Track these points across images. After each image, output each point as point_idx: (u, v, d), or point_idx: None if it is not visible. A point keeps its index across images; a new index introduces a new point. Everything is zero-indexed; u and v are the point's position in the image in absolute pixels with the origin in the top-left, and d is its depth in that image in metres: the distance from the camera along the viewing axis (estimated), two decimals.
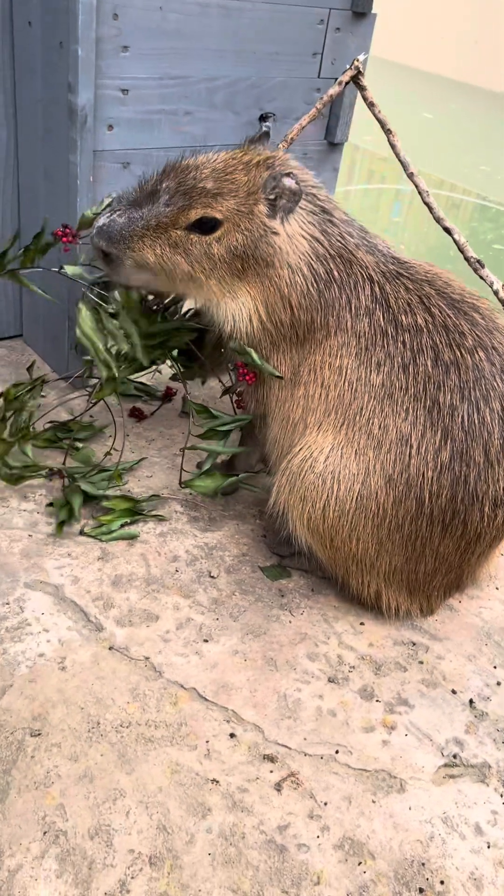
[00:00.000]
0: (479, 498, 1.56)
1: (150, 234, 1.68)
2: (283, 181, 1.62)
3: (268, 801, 1.40)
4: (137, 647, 1.64)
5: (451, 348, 1.58)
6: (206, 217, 1.66)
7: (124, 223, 1.68)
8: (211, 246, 1.68)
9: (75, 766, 1.40)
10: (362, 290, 1.66)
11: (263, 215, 1.66)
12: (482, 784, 1.48)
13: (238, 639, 1.69)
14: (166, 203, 1.67)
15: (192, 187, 1.65)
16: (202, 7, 2.08)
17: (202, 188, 1.65)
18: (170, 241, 1.68)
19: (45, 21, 1.96)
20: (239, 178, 1.66)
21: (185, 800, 1.38)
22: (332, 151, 2.61)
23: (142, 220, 1.68)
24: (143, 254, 1.70)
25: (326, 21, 2.34)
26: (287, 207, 1.65)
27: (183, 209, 1.66)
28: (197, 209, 1.65)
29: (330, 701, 1.59)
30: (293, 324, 1.70)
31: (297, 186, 1.63)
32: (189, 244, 1.68)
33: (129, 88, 2.06)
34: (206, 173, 1.66)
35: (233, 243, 1.67)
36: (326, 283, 1.67)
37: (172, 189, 1.67)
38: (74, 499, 1.91)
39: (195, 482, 1.94)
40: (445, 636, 1.79)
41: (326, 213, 1.72)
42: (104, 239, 1.70)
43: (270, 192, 1.64)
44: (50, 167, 2.14)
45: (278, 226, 1.67)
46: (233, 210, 1.65)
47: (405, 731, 1.56)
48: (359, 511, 1.62)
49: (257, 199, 1.66)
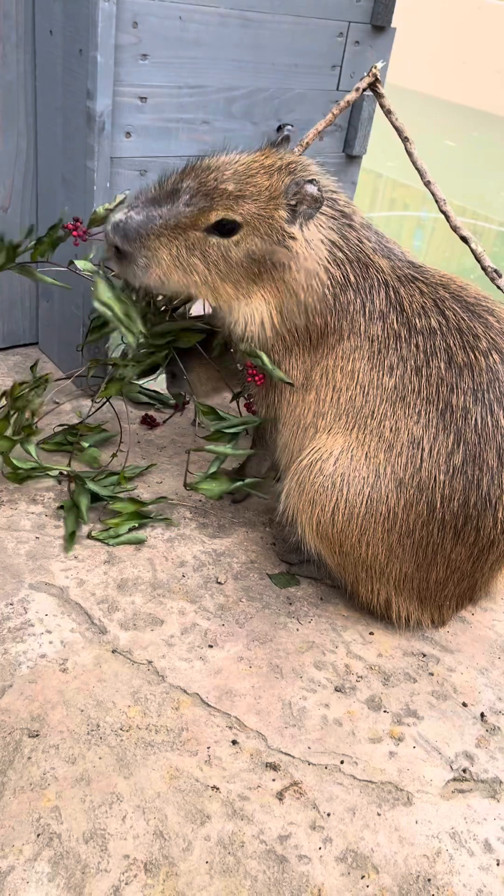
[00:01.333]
0: (493, 503, 1.52)
1: (168, 234, 1.65)
2: (305, 187, 1.61)
3: (269, 810, 1.36)
4: (141, 651, 1.61)
5: (464, 351, 1.56)
6: (227, 220, 1.63)
7: (142, 220, 1.65)
8: (229, 249, 1.66)
9: (73, 769, 1.37)
10: (377, 294, 1.64)
11: (283, 220, 1.64)
12: (492, 800, 1.43)
13: (243, 645, 1.66)
14: (186, 203, 1.64)
15: (213, 188, 1.63)
16: (222, 17, 2.10)
17: (224, 189, 1.63)
18: (187, 242, 1.65)
19: (65, 29, 1.99)
20: (261, 182, 1.64)
21: (184, 806, 1.34)
22: (351, 164, 2.61)
23: (160, 218, 1.64)
24: (159, 254, 1.67)
25: (346, 34, 2.35)
26: (307, 213, 1.64)
27: (203, 210, 1.63)
28: (218, 211, 1.63)
29: (336, 710, 1.55)
30: (308, 328, 1.68)
31: (319, 193, 1.61)
32: (207, 246, 1.66)
33: (148, 96, 2.08)
34: (228, 175, 1.64)
35: (251, 247, 1.65)
36: (342, 287, 1.66)
37: (193, 189, 1.64)
38: (81, 500, 1.89)
39: (200, 484, 1.92)
40: (457, 648, 1.74)
41: (346, 217, 1.71)
42: (119, 235, 1.66)
43: (292, 197, 1.63)
44: (68, 173, 2.16)
45: (297, 231, 1.65)
46: (253, 214, 1.64)
47: (413, 743, 1.51)
48: (368, 515, 1.59)
49: (278, 205, 1.64)
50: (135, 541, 1.88)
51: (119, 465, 2.08)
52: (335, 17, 2.30)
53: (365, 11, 2.34)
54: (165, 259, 1.68)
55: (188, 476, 2.05)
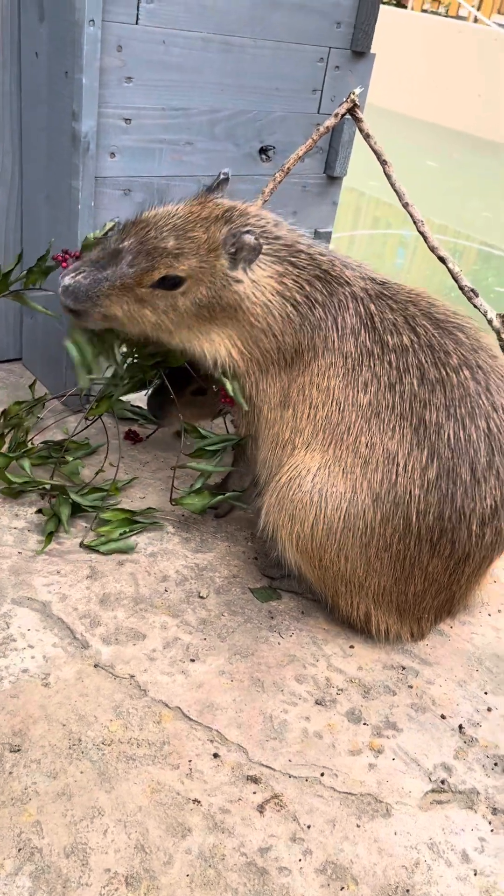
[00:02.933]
0: (467, 516, 1.55)
1: (116, 293, 1.71)
2: (242, 238, 1.66)
3: (250, 822, 1.37)
4: (123, 665, 1.61)
5: (436, 367, 1.60)
6: (169, 276, 1.70)
7: (89, 284, 1.71)
8: (176, 299, 1.72)
9: (54, 783, 1.37)
10: (346, 309, 1.68)
11: (225, 268, 1.70)
12: (470, 810, 1.45)
13: (225, 659, 1.67)
14: (129, 264, 1.70)
15: (153, 247, 1.69)
16: (204, 42, 2.15)
17: (163, 248, 1.68)
18: (136, 298, 1.72)
19: (51, 52, 2.02)
20: (199, 236, 1.70)
21: (165, 819, 1.35)
22: (332, 185, 2.66)
23: (106, 280, 1.71)
24: (111, 309, 1.74)
25: (326, 59, 2.41)
26: (248, 259, 1.69)
27: (146, 270, 1.69)
28: (160, 269, 1.69)
29: (317, 723, 1.56)
30: (280, 349, 1.72)
31: (256, 242, 1.66)
32: (155, 299, 1.72)
33: (132, 118, 2.12)
34: (166, 232, 1.70)
35: (197, 296, 1.71)
36: (310, 307, 1.70)
37: (134, 249, 1.70)
38: (63, 510, 1.91)
39: (184, 499, 1.96)
40: (436, 661, 1.76)
41: (290, 246, 1.75)
42: (70, 299, 1.73)
43: (231, 247, 1.68)
44: (53, 192, 2.19)
45: (241, 275, 1.70)
46: (195, 267, 1.69)
47: (392, 755, 1.53)
48: (346, 529, 1.61)
49: (218, 255, 1.69)
50: (126, 548, 1.91)
51: (102, 480, 2.09)
52: (316, 43, 2.35)
53: (345, 37, 2.40)
54: (118, 313, 1.75)
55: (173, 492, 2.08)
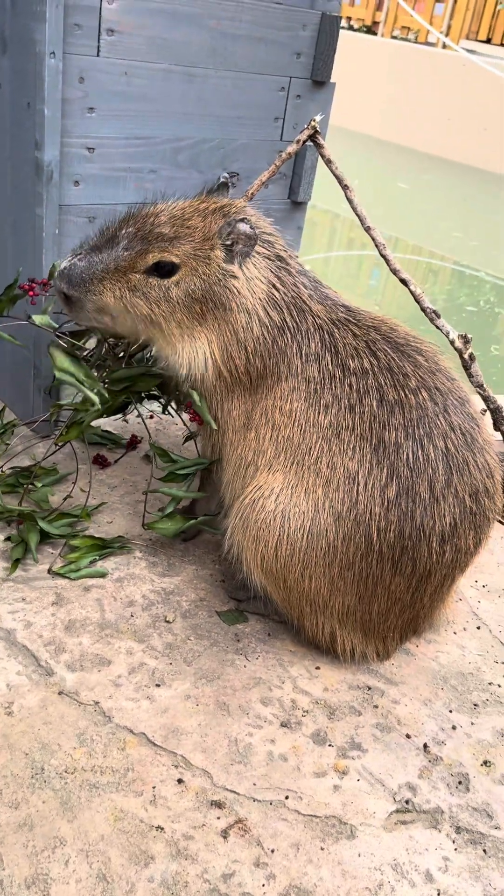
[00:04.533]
0: (427, 534, 1.57)
1: (110, 277, 1.72)
2: (237, 226, 1.68)
3: (213, 848, 1.36)
4: (88, 692, 1.61)
5: (395, 389, 1.62)
6: (164, 261, 1.70)
7: (84, 266, 1.73)
8: (169, 289, 1.72)
9: (15, 814, 1.36)
10: (312, 337, 1.71)
11: (220, 260, 1.71)
12: (434, 830, 1.45)
13: (191, 683, 1.67)
14: (125, 247, 1.72)
15: (149, 232, 1.71)
16: (166, 73, 2.19)
17: (159, 233, 1.70)
18: (129, 284, 1.72)
19: (13, 83, 2.05)
20: (195, 224, 1.71)
21: (128, 848, 1.34)
22: (296, 210, 2.70)
23: (101, 263, 1.72)
24: (104, 296, 1.74)
25: (287, 88, 2.45)
26: (243, 252, 1.70)
27: (140, 253, 1.71)
28: (154, 253, 1.70)
29: (282, 745, 1.56)
30: (247, 370, 1.73)
31: (252, 231, 1.68)
32: (148, 287, 1.72)
33: (95, 147, 2.15)
34: (163, 219, 1.72)
35: (191, 287, 1.71)
36: (280, 331, 1.72)
37: (131, 234, 1.72)
38: (31, 537, 1.91)
39: (157, 524, 1.96)
40: (401, 680, 1.77)
41: (282, 260, 1.78)
42: (65, 282, 1.74)
43: (226, 237, 1.70)
44: (17, 220, 2.20)
45: (236, 270, 1.72)
46: (189, 254, 1.70)
47: (357, 776, 1.53)
48: (310, 549, 1.62)
49: (214, 245, 1.71)
50: (96, 574, 1.90)
51: (70, 506, 2.09)
52: (276, 73, 2.40)
53: (305, 67, 2.45)
54: (110, 301, 1.75)
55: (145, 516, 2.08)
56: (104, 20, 2.02)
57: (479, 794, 1.54)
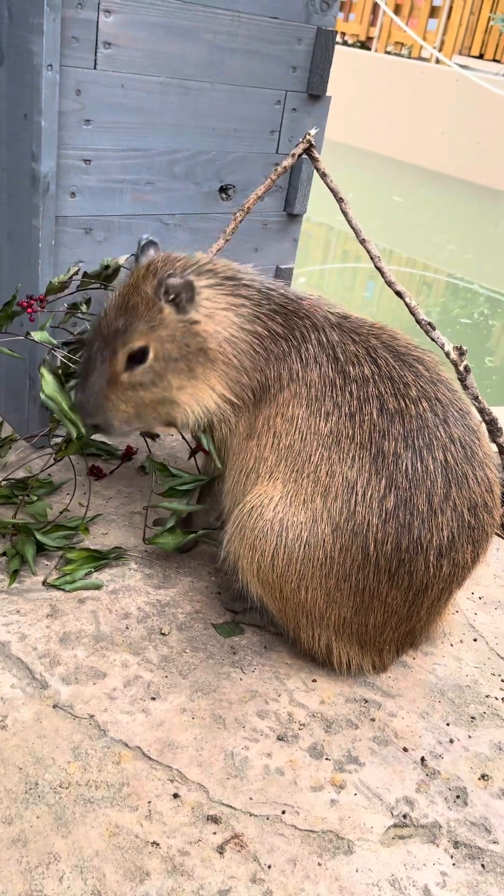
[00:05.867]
0: (424, 547, 1.57)
1: (109, 391, 1.78)
2: (168, 282, 1.69)
3: (209, 864, 1.34)
4: (82, 705, 1.59)
5: (395, 398, 1.62)
6: (132, 351, 1.74)
7: (86, 396, 1.80)
8: (153, 367, 1.75)
9: (9, 829, 1.35)
10: (308, 341, 1.71)
11: (174, 315, 1.73)
12: (432, 845, 1.44)
13: (187, 696, 1.65)
14: (101, 361, 1.77)
15: (108, 336, 1.76)
16: (162, 86, 2.20)
17: (115, 330, 1.75)
18: (124, 386, 1.77)
19: (10, 95, 2.06)
20: (135, 301, 1.74)
21: (123, 864, 1.32)
22: (292, 223, 2.71)
23: (95, 386, 1.78)
24: (117, 410, 1.80)
25: (283, 102, 2.47)
26: (188, 298, 1.72)
27: (112, 357, 1.75)
28: (121, 350, 1.75)
29: (278, 759, 1.55)
30: (251, 386, 1.74)
31: (182, 279, 1.69)
32: (137, 378, 1.76)
33: (92, 159, 2.15)
34: (112, 315, 1.77)
35: (166, 354, 1.74)
36: (271, 339, 1.72)
37: (100, 347, 1.77)
38: (27, 549, 1.90)
39: (158, 539, 1.96)
40: (398, 693, 1.76)
41: (234, 279, 1.79)
42: (87, 416, 1.84)
43: (165, 297, 1.72)
44: (13, 231, 2.20)
45: (194, 315, 1.73)
46: (146, 330, 1.73)
47: (355, 790, 1.51)
48: (306, 559, 1.62)
49: (160, 308, 1.73)
50: (92, 586, 1.90)
51: (66, 518, 2.08)
52: (272, 87, 2.41)
53: (301, 81, 2.47)
54: (123, 409, 1.80)
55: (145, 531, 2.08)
56: (101, 33, 2.03)
57: (477, 809, 1.53)
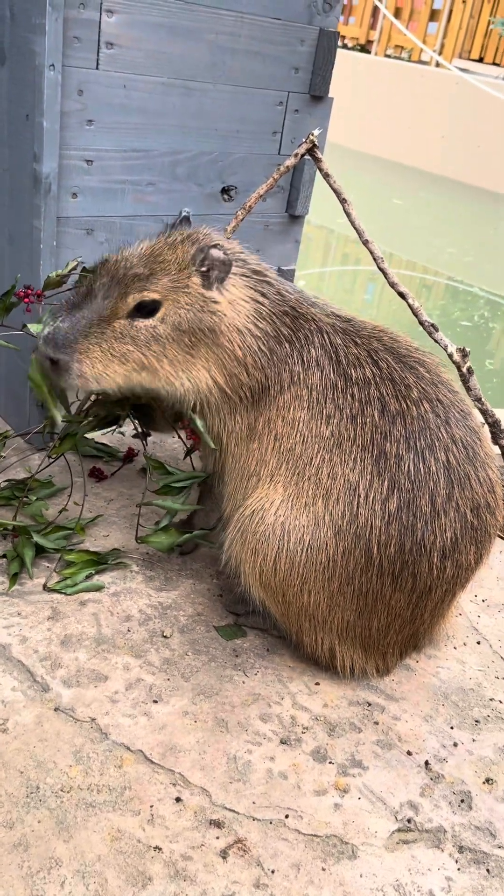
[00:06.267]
0: (427, 549, 1.56)
1: (95, 331, 1.68)
2: (210, 252, 1.67)
3: (212, 869, 1.33)
4: (84, 709, 1.58)
5: (397, 400, 1.61)
6: (145, 300, 1.68)
7: (68, 326, 1.69)
8: (156, 328, 1.69)
9: (10, 834, 1.33)
10: (312, 343, 1.70)
11: (199, 287, 1.70)
12: (437, 849, 1.42)
13: (189, 699, 1.64)
14: (104, 296, 1.69)
15: (124, 276, 1.69)
16: (165, 87, 2.19)
17: (134, 274, 1.68)
18: (115, 332, 1.69)
19: (12, 95, 2.05)
20: (167, 257, 1.70)
21: (125, 869, 1.31)
22: (294, 224, 2.70)
23: (84, 318, 1.68)
24: (91, 352, 1.68)
25: (286, 103, 2.46)
26: (220, 277, 1.69)
27: (120, 297, 1.68)
28: (134, 294, 1.68)
29: (281, 763, 1.54)
30: (249, 384, 1.72)
31: (226, 256, 1.67)
32: (134, 331, 1.69)
33: (94, 159, 2.14)
34: (135, 261, 1.71)
35: (177, 320, 1.69)
36: (276, 340, 1.71)
37: (107, 283, 1.70)
38: (26, 552, 1.88)
39: (151, 538, 1.93)
40: (402, 696, 1.75)
41: (260, 274, 1.78)
42: (51, 347, 1.69)
43: (201, 264, 1.69)
44: (15, 231, 2.20)
45: (217, 295, 1.70)
46: (168, 287, 1.69)
47: (358, 794, 1.50)
48: (309, 563, 1.61)
49: (190, 273, 1.69)
50: (93, 588, 1.88)
51: (65, 519, 2.07)
52: (275, 88, 2.41)
53: (303, 83, 2.46)
54: (98, 354, 1.69)
55: (139, 530, 2.06)
56: (104, 33, 2.02)
57: (482, 813, 1.51)
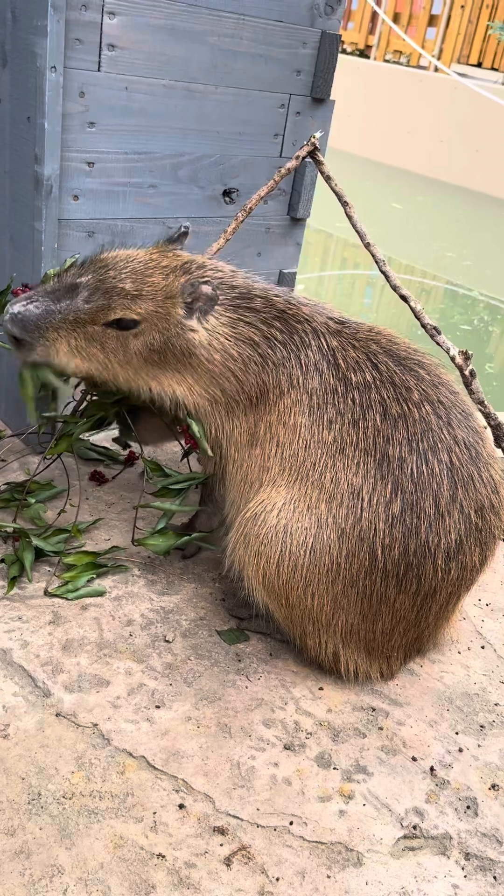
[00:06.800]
0: (432, 550, 1.55)
1: (67, 328, 1.71)
2: (200, 288, 1.68)
3: (216, 876, 1.32)
4: (86, 714, 1.57)
5: (398, 403, 1.61)
6: (125, 318, 1.70)
7: (40, 314, 1.70)
8: (128, 340, 1.72)
9: (12, 841, 1.32)
10: (308, 346, 1.69)
11: (180, 316, 1.71)
12: (443, 856, 1.41)
13: (191, 705, 1.63)
14: (85, 300, 1.70)
15: (111, 287, 1.70)
16: (167, 89, 2.18)
17: (121, 288, 1.69)
18: (86, 334, 1.72)
19: (14, 97, 2.04)
20: (157, 282, 1.71)
21: (128, 876, 1.29)
22: (295, 227, 2.69)
23: (59, 313, 1.70)
24: (57, 344, 1.72)
25: (287, 105, 2.46)
26: (203, 310, 1.71)
27: (102, 308, 1.70)
28: (116, 310, 1.70)
29: (285, 769, 1.52)
30: (244, 390, 1.71)
31: (214, 293, 1.68)
32: (105, 338, 1.72)
33: (95, 161, 2.14)
34: (125, 274, 1.71)
35: (150, 340, 1.72)
36: (270, 346, 1.70)
37: (92, 286, 1.70)
38: (26, 556, 1.87)
39: (148, 540, 1.92)
40: (406, 701, 1.73)
41: (245, 292, 1.76)
42: (18, 327, 1.70)
43: (188, 296, 1.70)
44: (16, 234, 2.19)
45: (196, 324, 1.72)
46: (151, 311, 1.70)
47: (363, 800, 1.49)
48: (312, 566, 1.59)
49: (175, 303, 1.71)
50: (94, 593, 1.87)
51: (65, 521, 2.06)
52: (276, 90, 2.40)
53: (305, 85, 2.46)
54: (63, 349, 1.73)
55: (136, 532, 2.04)
56: (105, 35, 2.02)
57: (488, 819, 1.50)
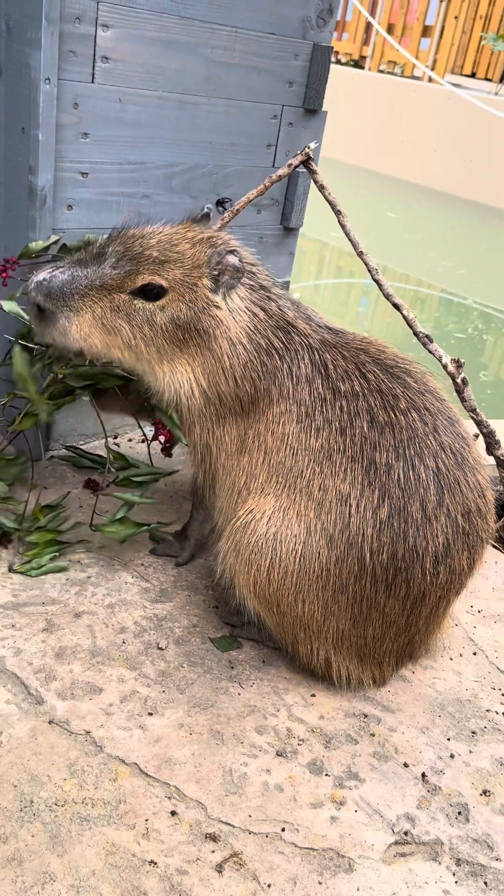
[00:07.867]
0: (420, 554, 1.56)
1: (93, 295, 1.67)
2: (227, 258, 1.68)
3: (208, 883, 1.32)
4: (78, 721, 1.57)
5: (385, 410, 1.62)
6: (153, 284, 1.68)
7: (66, 279, 1.66)
8: (154, 314, 1.69)
9: (3, 848, 1.32)
10: (302, 359, 1.71)
11: (207, 289, 1.70)
12: (434, 862, 1.41)
13: (184, 712, 1.63)
14: (113, 266, 1.68)
15: (139, 253, 1.69)
16: (160, 100, 2.20)
17: (149, 255, 1.69)
18: (112, 303, 1.68)
19: (8, 108, 2.06)
20: (184, 250, 1.71)
21: (120, 883, 1.30)
22: (288, 236, 2.71)
23: (86, 278, 1.66)
24: (82, 313, 1.67)
25: (280, 116, 2.48)
26: (229, 283, 1.70)
27: (130, 273, 1.67)
28: (144, 275, 1.68)
29: (277, 776, 1.53)
30: (237, 395, 1.72)
31: (241, 264, 1.68)
32: (132, 309, 1.69)
33: (89, 172, 2.15)
34: (153, 242, 1.71)
35: (176, 313, 1.69)
36: (268, 353, 1.72)
37: (119, 253, 1.69)
38: None
39: (106, 527, 1.95)
40: (398, 707, 1.74)
41: (265, 289, 1.79)
42: (42, 293, 1.66)
43: (214, 267, 1.69)
44: (10, 243, 2.20)
45: (220, 300, 1.71)
46: (178, 280, 1.69)
47: (355, 806, 1.49)
48: (302, 572, 1.60)
49: (202, 273, 1.70)
50: (57, 570, 1.92)
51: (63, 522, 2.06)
52: (269, 101, 2.43)
53: (297, 96, 2.48)
54: (88, 318, 1.68)
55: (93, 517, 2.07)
56: (99, 47, 2.04)
57: (479, 825, 1.50)
